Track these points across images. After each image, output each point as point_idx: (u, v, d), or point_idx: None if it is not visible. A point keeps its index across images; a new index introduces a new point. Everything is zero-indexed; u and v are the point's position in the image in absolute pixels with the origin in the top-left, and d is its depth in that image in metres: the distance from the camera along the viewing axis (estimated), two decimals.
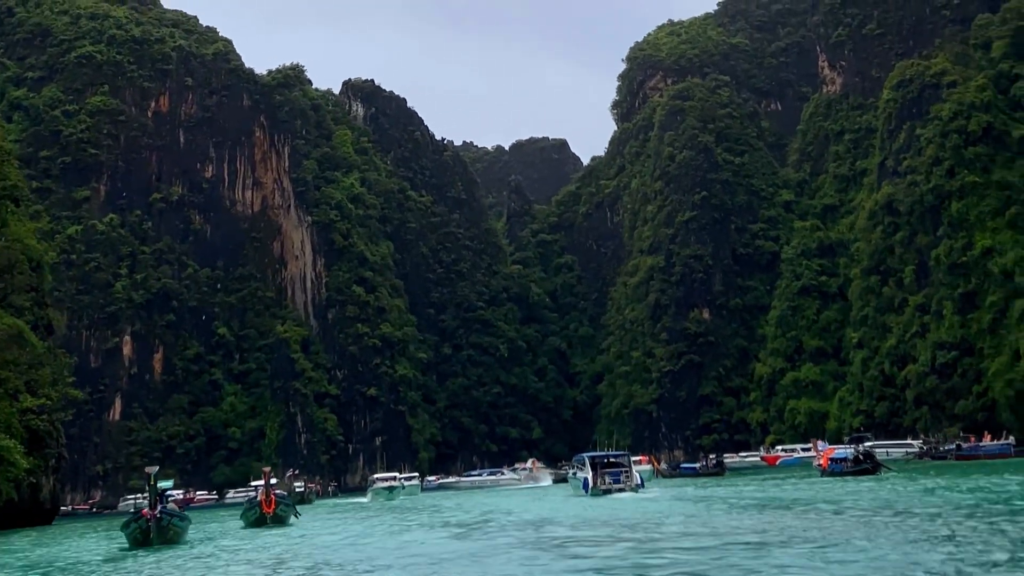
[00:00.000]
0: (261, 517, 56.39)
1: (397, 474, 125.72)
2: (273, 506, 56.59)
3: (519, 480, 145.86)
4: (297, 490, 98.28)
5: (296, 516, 60.52)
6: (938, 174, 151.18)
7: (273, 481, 61.97)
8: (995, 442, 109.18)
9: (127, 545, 45.97)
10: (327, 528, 52.62)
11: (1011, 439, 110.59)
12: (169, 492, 61.24)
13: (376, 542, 38.11)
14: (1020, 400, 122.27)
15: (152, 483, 47.03)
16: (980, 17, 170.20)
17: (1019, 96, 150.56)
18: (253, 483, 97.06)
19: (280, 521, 56.99)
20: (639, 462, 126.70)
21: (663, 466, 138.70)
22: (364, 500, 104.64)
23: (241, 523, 60.21)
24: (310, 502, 78.82)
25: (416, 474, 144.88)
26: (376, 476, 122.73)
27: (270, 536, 47.97)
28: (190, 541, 48.33)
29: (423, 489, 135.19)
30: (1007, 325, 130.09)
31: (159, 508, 45.39)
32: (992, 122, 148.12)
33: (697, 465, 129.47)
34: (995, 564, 18.83)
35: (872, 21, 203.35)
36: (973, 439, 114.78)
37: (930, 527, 26.54)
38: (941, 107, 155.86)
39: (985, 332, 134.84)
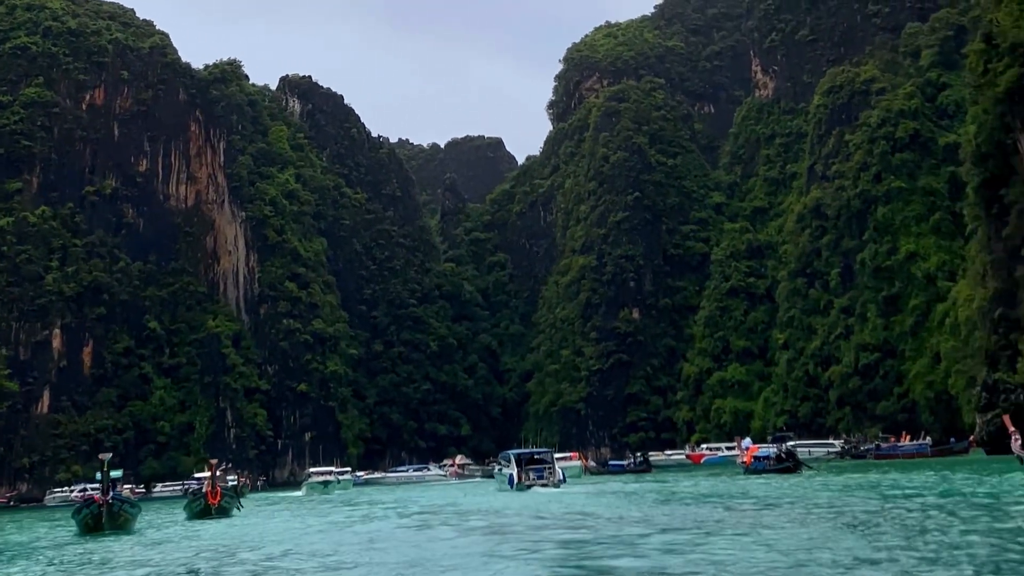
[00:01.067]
0: (206, 508, 56.87)
1: (333, 468, 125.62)
2: (219, 498, 57.43)
3: (445, 476, 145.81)
4: (230, 483, 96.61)
5: (239, 508, 61.55)
6: (865, 179, 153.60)
7: (207, 474, 62.78)
8: (913, 442, 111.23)
9: (77, 531, 45.73)
10: (278, 519, 52.44)
11: (928, 439, 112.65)
12: (94, 486, 61.23)
13: (337, 531, 38.44)
14: (939, 402, 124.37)
15: (105, 469, 47.02)
16: (910, 26, 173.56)
17: (945, 104, 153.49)
18: (197, 475, 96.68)
19: (224, 512, 57.53)
20: (570, 459, 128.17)
21: (591, 463, 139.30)
22: (298, 494, 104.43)
23: (184, 514, 60.01)
24: (243, 495, 78.30)
25: (349, 469, 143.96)
26: (311, 470, 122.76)
27: (219, 526, 48.15)
28: (139, 529, 48.22)
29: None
30: (928, 328, 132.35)
31: (111, 494, 45.29)
32: (919, 129, 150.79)
33: (625, 462, 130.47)
34: (889, 548, 20.40)
35: (805, 27, 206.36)
36: (893, 439, 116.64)
37: (828, 517, 28.80)
38: (870, 114, 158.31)
39: (907, 335, 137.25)
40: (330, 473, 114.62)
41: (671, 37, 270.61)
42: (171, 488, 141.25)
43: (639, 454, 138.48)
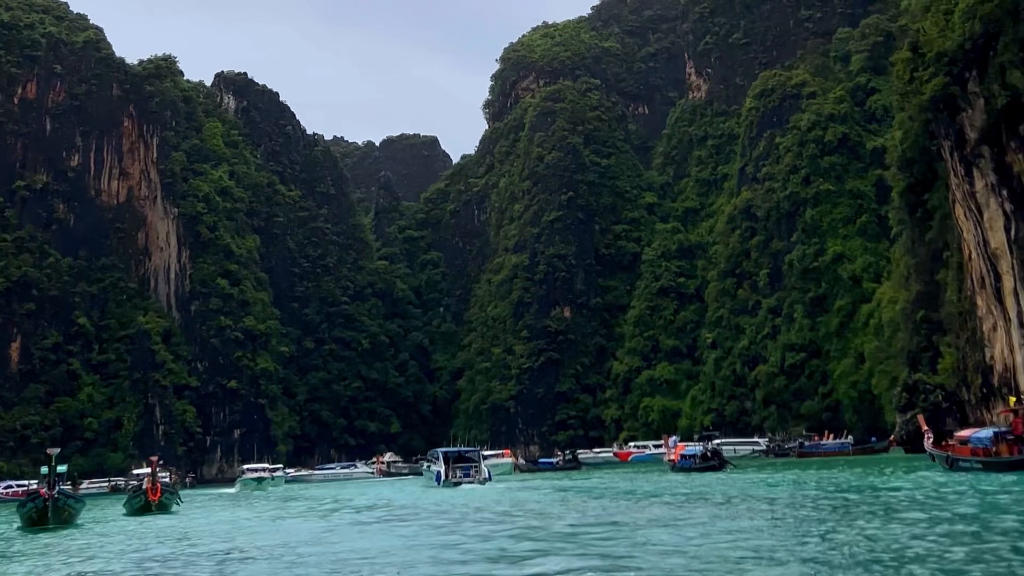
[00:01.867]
0: (146, 504, 57.80)
1: (267, 465, 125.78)
2: (159, 494, 58.50)
3: (372, 474, 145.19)
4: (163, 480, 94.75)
5: (179, 503, 62.70)
6: (795, 181, 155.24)
7: (147, 470, 65.07)
8: (835, 441, 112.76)
9: (21, 525, 46.62)
10: (223, 515, 53.42)
11: (850, 438, 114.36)
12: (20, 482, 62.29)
13: (286, 524, 40.24)
14: (862, 401, 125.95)
15: (52, 464, 47.66)
16: (841, 31, 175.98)
17: (874, 109, 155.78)
18: (136, 471, 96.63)
19: (164, 508, 58.69)
20: (502, 456, 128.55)
21: (520, 461, 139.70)
22: (232, 491, 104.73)
23: (124, 510, 60.62)
24: (175, 492, 78.01)
25: (281, 466, 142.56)
26: (246, 467, 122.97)
27: (166, 521, 49.20)
28: (82, 524, 48.94)
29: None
30: (853, 329, 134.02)
31: (56, 489, 46.44)
32: (848, 133, 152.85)
33: (554, 460, 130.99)
34: (797, 537, 22.80)
35: (739, 31, 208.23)
36: (817, 438, 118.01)
37: (746, 510, 31.60)
38: (800, 117, 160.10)
39: (832, 335, 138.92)
40: (264, 470, 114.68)
41: (607, 38, 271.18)
42: (98, 485, 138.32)
43: (568, 452, 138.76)
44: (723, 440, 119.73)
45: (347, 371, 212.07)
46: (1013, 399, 58.61)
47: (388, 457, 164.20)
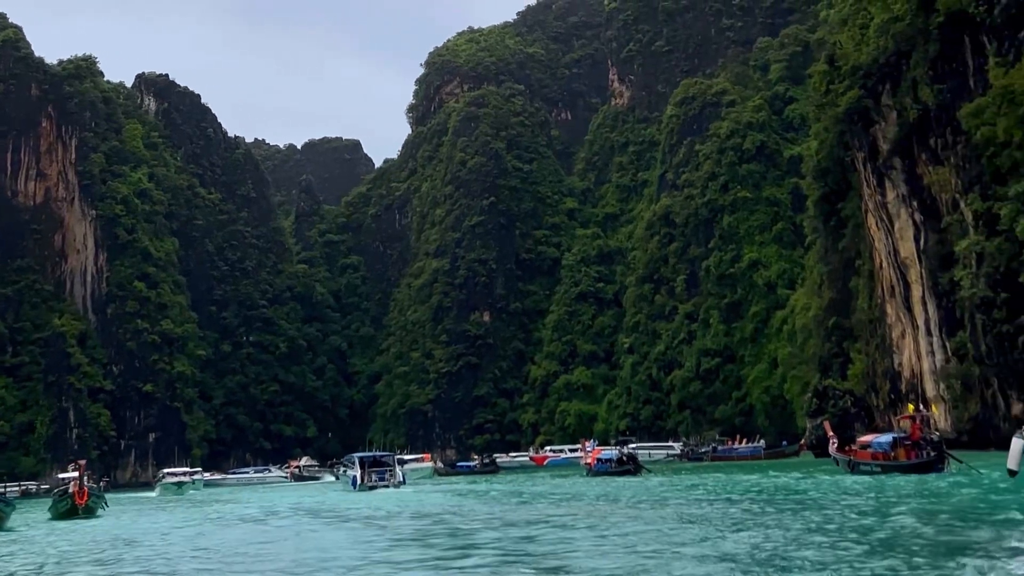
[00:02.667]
0: (73, 508, 57.59)
1: (187, 469, 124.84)
2: (86, 498, 58.33)
3: (286, 478, 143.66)
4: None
5: (105, 507, 62.92)
6: (713, 188, 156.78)
7: (73, 474, 64.10)
8: (748, 445, 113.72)
9: None
10: (153, 519, 53.60)
11: (762, 442, 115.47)
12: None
13: (229, 529, 40.81)
14: (775, 406, 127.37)
15: None
16: (761, 40, 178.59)
17: (791, 118, 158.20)
18: (62, 475, 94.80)
19: (91, 512, 58.56)
20: (422, 460, 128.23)
21: (439, 464, 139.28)
22: (152, 494, 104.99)
23: (48, 515, 60.38)
24: (102, 496, 76.65)
25: (199, 469, 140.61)
26: (166, 471, 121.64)
27: (97, 524, 49.64)
28: (11, 527, 49.27)
29: None
30: (767, 334, 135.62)
31: None
32: (765, 141, 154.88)
33: (473, 463, 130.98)
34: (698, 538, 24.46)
35: (661, 38, 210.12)
36: (730, 442, 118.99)
37: (658, 512, 33.69)
38: (720, 125, 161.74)
39: (747, 341, 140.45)
40: (184, 474, 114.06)
41: (532, 44, 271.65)
42: (10, 489, 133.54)
43: (486, 456, 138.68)
44: (638, 444, 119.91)
45: (264, 375, 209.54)
46: (911, 406, 61.13)
47: (304, 461, 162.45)
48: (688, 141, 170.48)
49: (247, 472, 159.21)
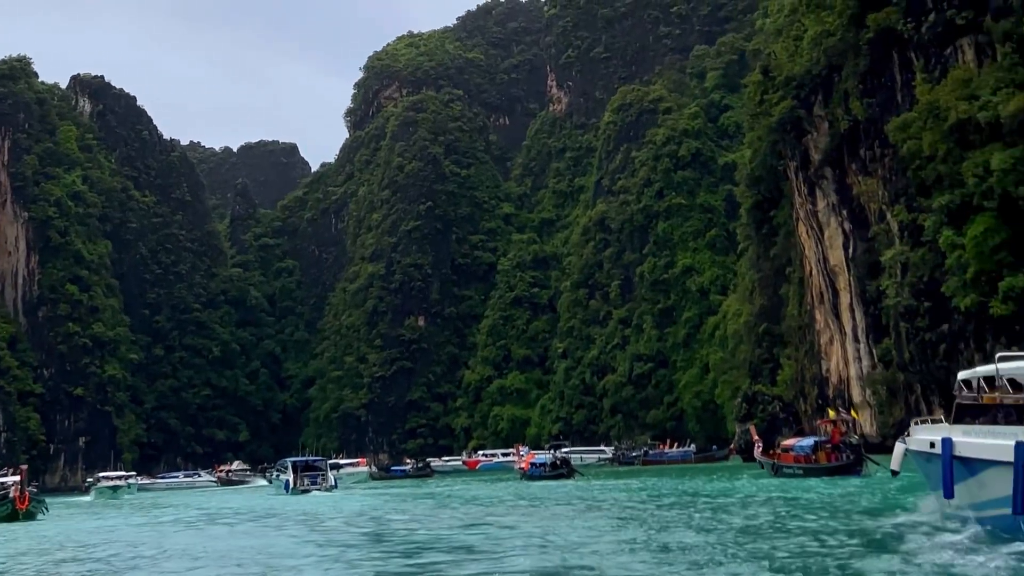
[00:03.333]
0: (13, 513, 58.11)
1: (122, 473, 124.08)
2: (27, 502, 59.07)
3: (215, 483, 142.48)
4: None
5: (45, 512, 63.10)
6: (648, 195, 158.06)
7: (13, 478, 64.73)
8: (678, 449, 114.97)
9: None
10: (99, 523, 53.60)
11: (692, 446, 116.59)
12: None
13: (181, 532, 41.37)
14: (705, 410, 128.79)
15: None
16: (697, 48, 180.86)
17: (726, 125, 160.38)
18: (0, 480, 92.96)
19: (31, 517, 59.29)
20: (358, 464, 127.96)
21: (373, 468, 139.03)
22: (86, 499, 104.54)
23: None
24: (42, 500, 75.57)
25: (135, 473, 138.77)
26: (101, 475, 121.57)
27: (38, 527, 50.36)
28: None
29: None
30: (699, 340, 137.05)
31: None
32: (701, 148, 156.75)
33: (406, 467, 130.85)
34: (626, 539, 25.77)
35: (600, 45, 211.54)
36: (662, 446, 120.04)
37: (589, 513, 35.50)
38: (656, 132, 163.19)
39: (679, 346, 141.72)
40: (120, 478, 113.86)
41: (472, 49, 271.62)
42: None
43: (420, 460, 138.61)
44: (570, 449, 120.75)
45: (197, 379, 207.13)
46: (832, 411, 63.04)
47: (236, 465, 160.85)
48: (624, 148, 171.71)
49: (177, 476, 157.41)
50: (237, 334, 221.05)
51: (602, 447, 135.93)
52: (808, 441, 58.20)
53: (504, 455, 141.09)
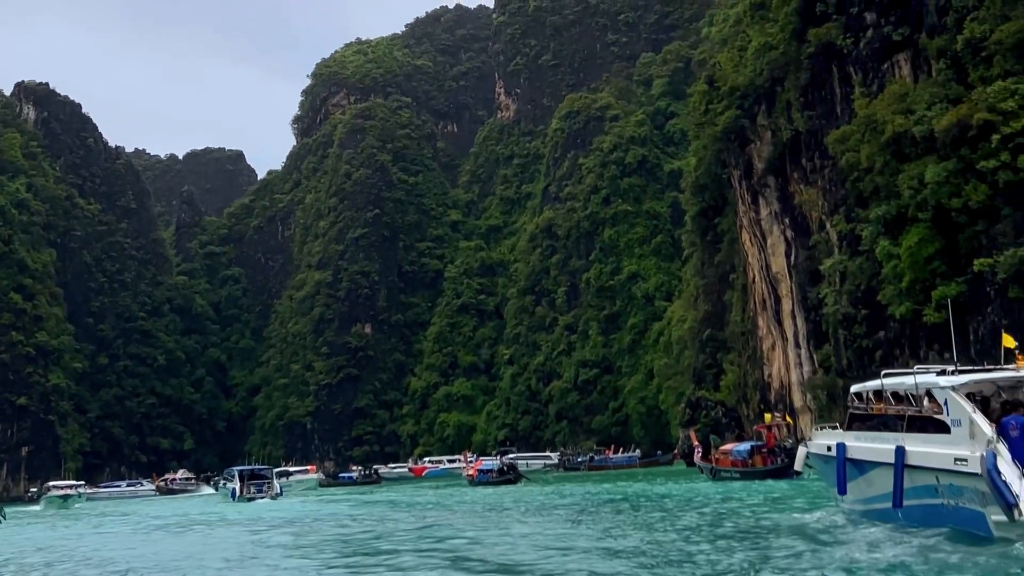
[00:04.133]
0: None
1: (72, 482, 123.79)
2: None
3: (155, 492, 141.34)
4: None
5: (3, 520, 61.86)
6: (595, 202, 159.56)
7: None
8: (623, 454, 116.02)
9: None
10: (66, 531, 53.76)
11: (637, 452, 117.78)
12: None
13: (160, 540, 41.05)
14: (650, 416, 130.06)
15: None
16: (644, 56, 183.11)
17: (672, 132, 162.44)
18: None
19: None
20: (308, 472, 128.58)
21: (319, 475, 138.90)
22: (36, 508, 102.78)
23: None
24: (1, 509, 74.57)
25: (84, 483, 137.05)
26: (51, 484, 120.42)
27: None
28: None
29: None
30: (644, 346, 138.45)
31: None
32: (647, 155, 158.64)
33: (354, 474, 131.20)
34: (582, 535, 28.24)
35: (548, 52, 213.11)
36: (608, 451, 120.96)
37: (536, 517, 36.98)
38: (603, 139, 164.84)
39: (624, 352, 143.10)
40: (71, 487, 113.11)
41: (420, 56, 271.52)
42: None
43: (368, 467, 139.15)
44: (516, 455, 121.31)
45: (141, 387, 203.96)
46: (769, 416, 64.68)
47: (181, 474, 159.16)
48: (572, 155, 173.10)
49: (119, 485, 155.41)
50: (182, 342, 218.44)
51: (547, 453, 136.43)
52: (744, 446, 60.64)
53: (450, 461, 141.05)
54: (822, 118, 72.15)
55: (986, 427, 18.06)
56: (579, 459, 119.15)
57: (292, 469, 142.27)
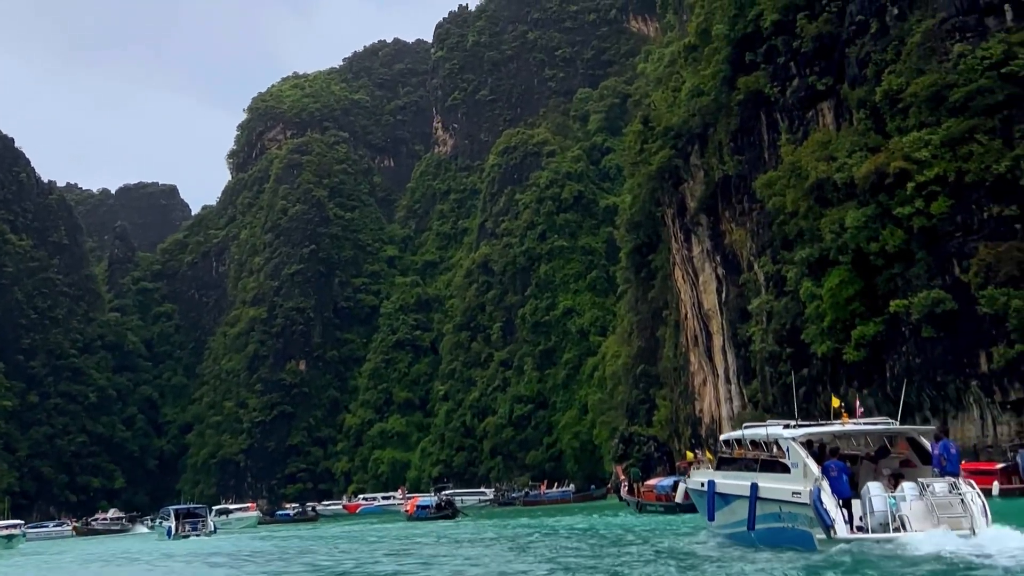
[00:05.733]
0: None
1: (15, 521, 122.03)
2: None
3: (71, 532, 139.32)
4: None
5: None
6: (531, 237, 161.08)
7: None
8: (558, 489, 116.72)
9: None
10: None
11: (571, 487, 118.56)
12: None
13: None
14: (584, 451, 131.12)
15: None
16: (581, 91, 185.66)
17: (608, 168, 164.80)
18: None
19: None
20: (248, 509, 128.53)
21: (258, 513, 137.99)
22: None
23: None
24: None
25: (23, 521, 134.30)
26: None
27: None
28: None
29: None
30: (579, 381, 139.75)
31: None
32: (583, 191, 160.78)
33: (291, 512, 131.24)
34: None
35: (485, 88, 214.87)
36: (541, 487, 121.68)
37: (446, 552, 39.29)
38: (540, 175, 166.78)
39: (559, 387, 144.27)
40: (16, 526, 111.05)
41: (358, 90, 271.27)
42: None
43: (304, 504, 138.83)
44: (452, 491, 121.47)
45: (72, 425, 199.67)
46: (690, 454, 66.76)
47: (112, 513, 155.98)
48: (509, 190, 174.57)
49: (47, 526, 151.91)
50: (114, 379, 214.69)
51: (482, 489, 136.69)
52: (668, 480, 62.03)
53: (384, 498, 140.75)
54: (751, 163, 74.46)
55: (814, 468, 23.03)
56: (514, 494, 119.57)
57: (233, 507, 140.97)
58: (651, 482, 65.09)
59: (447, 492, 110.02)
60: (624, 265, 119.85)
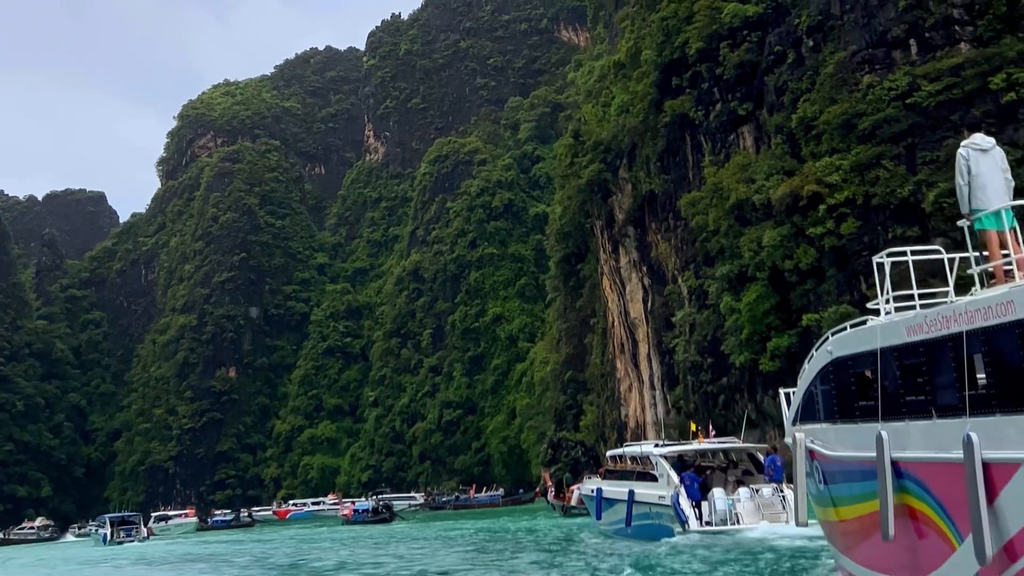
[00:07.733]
0: None
1: None
2: None
3: None
4: None
5: None
6: (462, 245, 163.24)
7: None
8: (487, 493, 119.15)
9: None
10: None
11: (500, 491, 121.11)
12: None
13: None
14: (512, 455, 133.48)
15: None
16: (512, 100, 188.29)
17: (538, 176, 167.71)
18: None
19: None
20: (186, 515, 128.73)
21: (196, 519, 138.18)
22: None
23: None
24: None
25: None
26: None
27: None
28: None
29: None
30: (507, 386, 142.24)
31: None
32: (513, 199, 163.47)
33: (228, 518, 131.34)
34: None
35: (418, 96, 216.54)
36: (471, 491, 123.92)
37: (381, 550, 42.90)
38: (471, 183, 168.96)
39: (488, 393, 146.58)
40: None
41: (289, 98, 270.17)
42: None
43: (236, 511, 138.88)
44: (382, 496, 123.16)
45: None
46: (546, 473, 70.53)
47: (39, 522, 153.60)
48: (440, 198, 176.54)
49: None
50: (41, 387, 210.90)
51: (412, 493, 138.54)
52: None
53: (315, 504, 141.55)
54: (676, 181, 77.73)
55: (675, 478, 29.97)
56: (444, 499, 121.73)
57: (171, 513, 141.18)
58: (575, 486, 66.49)
59: (384, 496, 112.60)
60: (553, 274, 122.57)
